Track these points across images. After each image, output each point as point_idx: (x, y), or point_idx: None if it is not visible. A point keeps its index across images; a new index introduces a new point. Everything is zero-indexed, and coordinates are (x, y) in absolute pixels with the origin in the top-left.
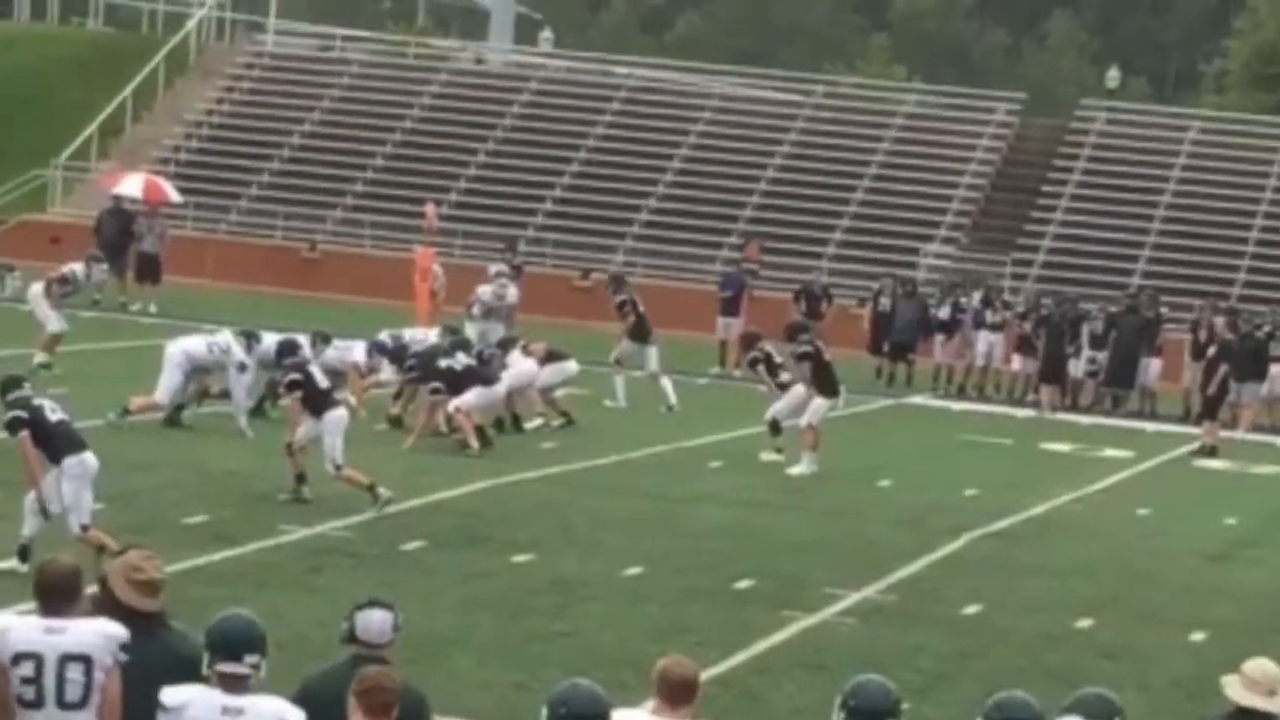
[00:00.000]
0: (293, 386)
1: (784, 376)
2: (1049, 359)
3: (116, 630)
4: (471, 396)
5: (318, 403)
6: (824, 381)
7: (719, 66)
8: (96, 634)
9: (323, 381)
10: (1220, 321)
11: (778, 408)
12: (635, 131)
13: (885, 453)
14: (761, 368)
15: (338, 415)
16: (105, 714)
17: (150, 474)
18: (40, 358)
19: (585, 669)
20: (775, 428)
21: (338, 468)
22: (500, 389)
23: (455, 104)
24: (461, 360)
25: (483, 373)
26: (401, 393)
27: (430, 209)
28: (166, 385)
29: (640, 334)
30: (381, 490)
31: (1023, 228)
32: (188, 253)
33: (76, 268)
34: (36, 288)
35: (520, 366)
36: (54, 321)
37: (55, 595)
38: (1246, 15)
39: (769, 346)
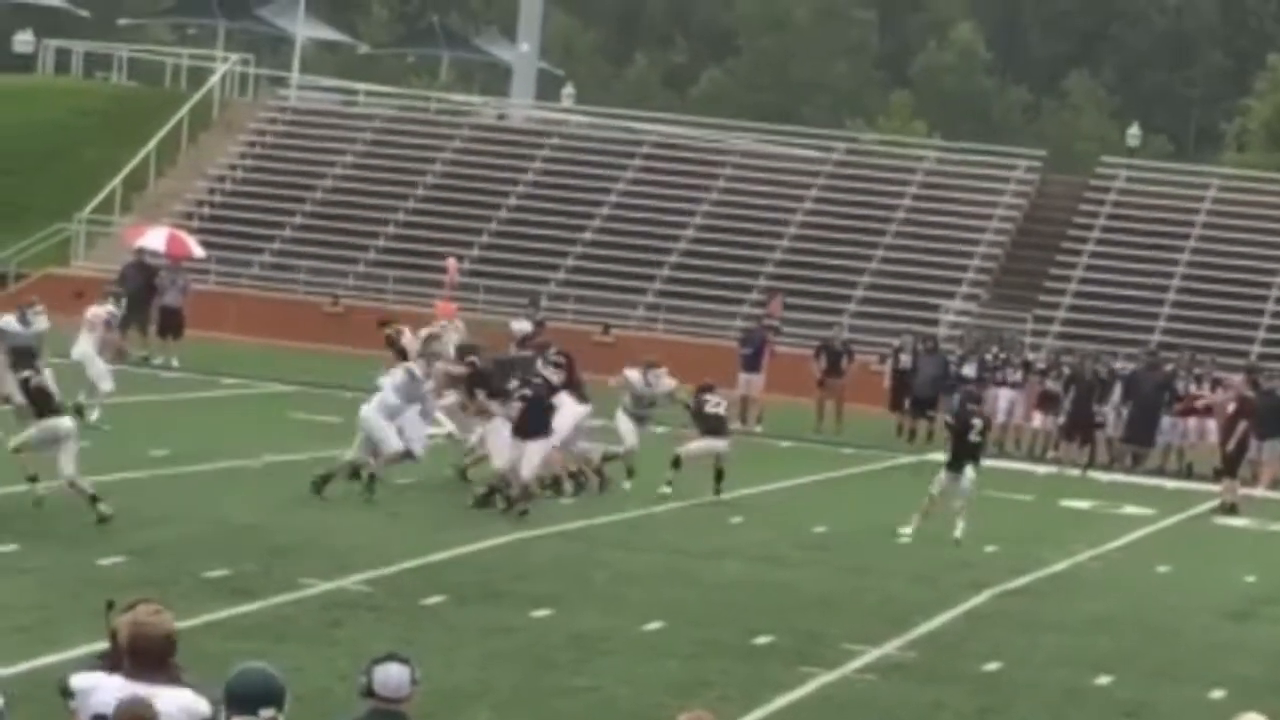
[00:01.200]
0: (24, 384)
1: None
2: (1075, 416)
3: (200, 707)
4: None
5: (41, 407)
6: (956, 454)
7: (741, 123)
8: (181, 709)
9: (52, 386)
10: (1240, 379)
11: (690, 449)
12: (657, 187)
13: (906, 509)
14: (691, 403)
15: (59, 423)
16: None
17: (170, 527)
18: (95, 415)
19: None
20: (677, 462)
21: (70, 483)
22: (554, 438)
23: (478, 159)
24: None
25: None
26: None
27: (451, 263)
28: (387, 439)
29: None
30: (103, 506)
31: (1043, 285)
32: (210, 307)
33: (109, 309)
34: (88, 349)
35: (568, 410)
36: (107, 380)
37: (147, 659)
38: (1266, 74)
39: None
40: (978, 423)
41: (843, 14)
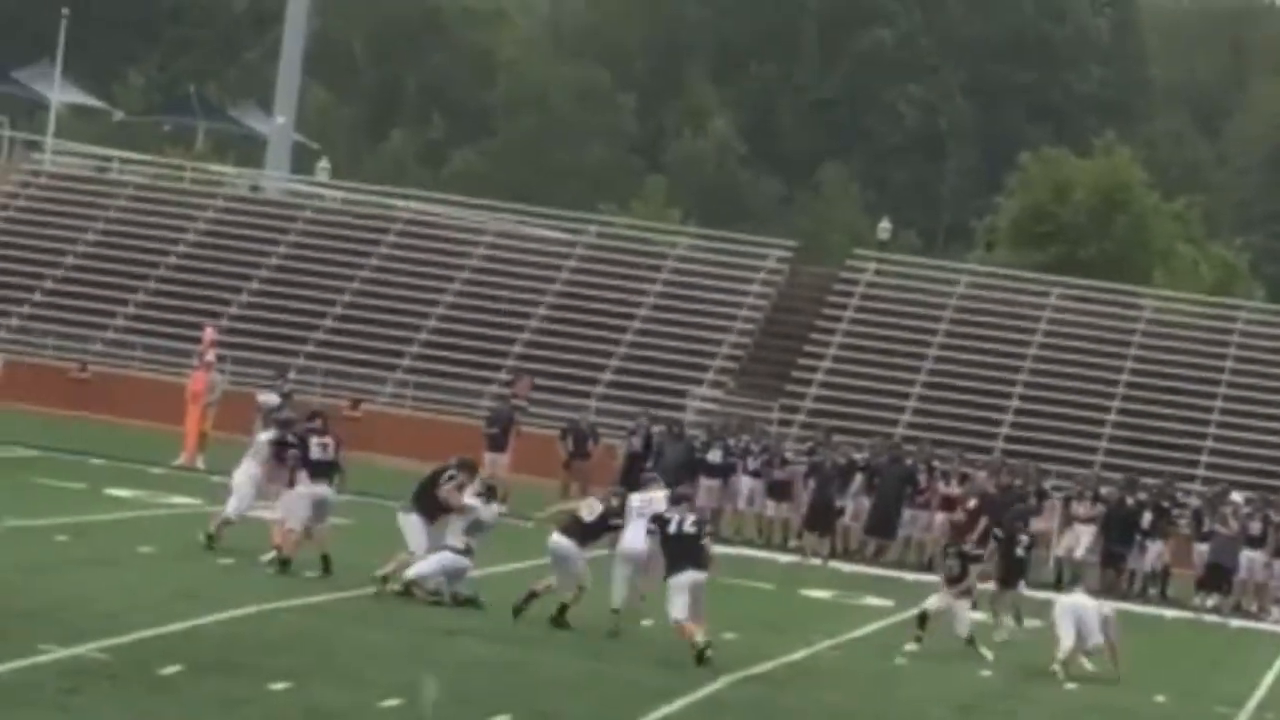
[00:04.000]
0: None
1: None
2: (815, 506)
3: None
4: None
5: None
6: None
7: (494, 203)
8: None
9: None
10: (983, 475)
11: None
12: (410, 264)
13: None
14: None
15: None
16: None
17: None
18: None
19: None
20: None
21: None
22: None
23: (231, 230)
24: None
25: None
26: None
27: (209, 332)
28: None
29: None
30: None
31: (790, 374)
32: None
33: None
34: None
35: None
36: None
37: None
38: (1017, 174)
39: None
40: (1024, 538)
41: (601, 98)
